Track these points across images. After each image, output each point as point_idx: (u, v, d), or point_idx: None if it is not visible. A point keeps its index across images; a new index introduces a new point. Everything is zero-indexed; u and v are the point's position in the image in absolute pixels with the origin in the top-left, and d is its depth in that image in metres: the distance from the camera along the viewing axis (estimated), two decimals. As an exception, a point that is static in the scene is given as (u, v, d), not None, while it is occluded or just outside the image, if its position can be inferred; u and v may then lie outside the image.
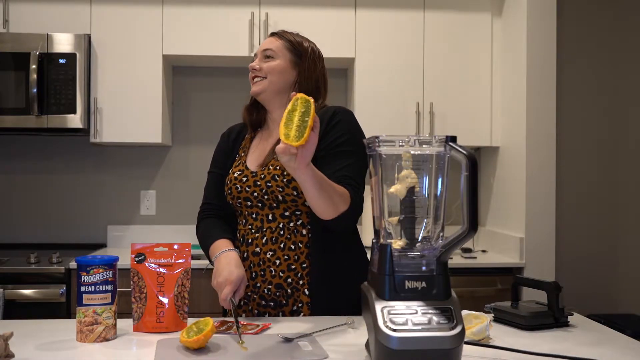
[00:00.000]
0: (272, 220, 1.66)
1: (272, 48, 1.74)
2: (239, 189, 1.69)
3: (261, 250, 1.66)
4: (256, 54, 1.78)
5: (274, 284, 1.64)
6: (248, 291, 1.67)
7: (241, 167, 1.72)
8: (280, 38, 1.77)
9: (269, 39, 1.79)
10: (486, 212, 3.69)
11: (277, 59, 1.73)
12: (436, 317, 1.11)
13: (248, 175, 1.69)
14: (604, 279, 3.73)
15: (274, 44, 1.75)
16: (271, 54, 1.74)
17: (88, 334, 1.34)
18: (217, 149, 1.87)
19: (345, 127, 1.67)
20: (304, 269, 1.64)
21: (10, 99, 3.13)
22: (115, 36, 3.29)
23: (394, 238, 1.18)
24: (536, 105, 3.19)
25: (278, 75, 1.73)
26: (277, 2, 3.34)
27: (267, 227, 1.66)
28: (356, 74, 3.41)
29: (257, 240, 1.67)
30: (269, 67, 1.73)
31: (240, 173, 1.71)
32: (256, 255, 1.66)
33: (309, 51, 1.77)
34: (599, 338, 1.42)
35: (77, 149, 3.63)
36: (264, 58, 1.74)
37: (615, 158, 3.77)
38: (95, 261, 1.36)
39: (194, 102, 3.71)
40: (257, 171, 1.68)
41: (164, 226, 3.67)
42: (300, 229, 1.65)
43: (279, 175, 1.63)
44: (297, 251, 1.64)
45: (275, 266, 1.64)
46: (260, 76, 1.73)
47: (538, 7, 3.20)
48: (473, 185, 1.12)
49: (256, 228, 1.67)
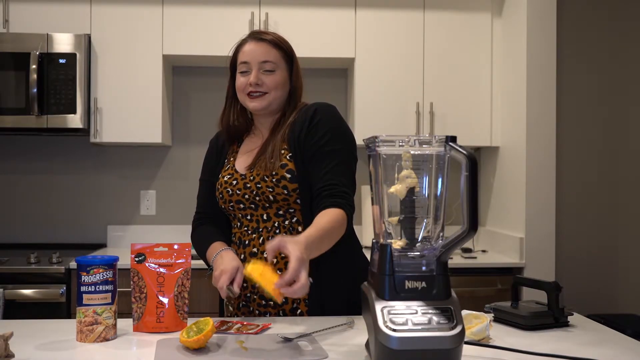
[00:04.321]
0: (267, 220, 1.66)
1: (273, 60, 1.67)
2: (229, 193, 1.68)
3: (258, 250, 1.65)
4: (246, 61, 1.68)
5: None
6: (247, 292, 1.67)
7: (230, 171, 1.71)
8: (274, 46, 1.68)
9: (262, 48, 1.67)
10: (486, 212, 3.69)
11: (277, 71, 1.68)
12: (436, 317, 1.11)
13: (237, 179, 1.68)
14: (604, 279, 3.73)
15: (272, 54, 1.67)
16: (272, 67, 1.67)
17: (88, 334, 1.34)
18: (206, 156, 1.84)
19: (327, 125, 1.65)
20: None
21: (10, 99, 3.13)
22: (115, 36, 3.29)
23: (394, 238, 1.18)
24: (536, 105, 3.19)
25: (281, 90, 1.70)
26: (277, 2, 3.34)
27: (263, 227, 1.66)
28: (356, 74, 3.41)
29: (254, 241, 1.66)
30: (274, 82, 1.67)
31: (230, 177, 1.69)
32: (253, 256, 1.65)
33: (293, 52, 1.74)
34: (599, 338, 1.42)
35: (77, 149, 3.63)
36: (263, 71, 1.66)
37: (615, 158, 3.77)
38: (95, 261, 1.36)
39: (194, 102, 3.71)
40: (246, 173, 1.67)
41: (164, 226, 3.67)
42: (295, 226, 1.65)
43: (268, 176, 1.62)
44: None
45: (273, 266, 1.63)
46: (261, 91, 1.67)
47: (538, 7, 3.20)
48: (473, 185, 1.12)
49: (252, 229, 1.67)
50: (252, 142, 1.76)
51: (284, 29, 3.26)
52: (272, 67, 1.67)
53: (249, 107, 1.71)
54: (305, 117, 1.67)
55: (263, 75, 1.66)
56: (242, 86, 1.69)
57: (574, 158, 3.73)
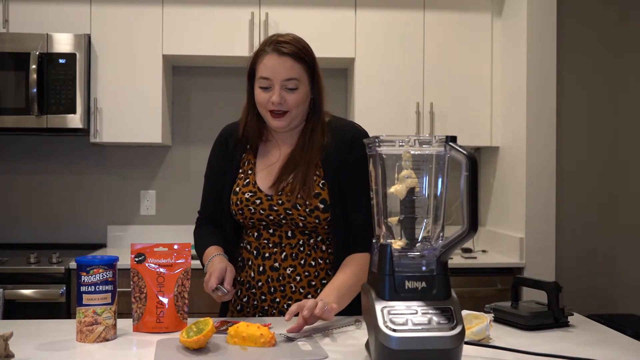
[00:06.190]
0: (291, 237, 1.63)
1: (296, 77, 1.57)
2: (252, 211, 1.62)
3: (280, 265, 1.63)
4: (267, 77, 1.57)
5: (294, 299, 1.62)
6: (265, 305, 1.65)
7: (252, 188, 1.63)
8: (297, 60, 1.57)
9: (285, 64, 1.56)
10: (486, 212, 3.69)
11: (300, 88, 1.58)
12: (436, 317, 1.11)
13: (262, 198, 1.62)
14: (604, 279, 3.73)
15: (295, 70, 1.57)
16: (295, 84, 1.57)
17: (88, 334, 1.34)
18: (213, 151, 1.76)
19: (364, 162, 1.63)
20: (323, 285, 1.62)
21: (10, 99, 3.12)
22: (115, 36, 3.29)
23: (394, 238, 1.18)
24: (536, 105, 3.19)
25: (303, 105, 1.61)
26: (277, 2, 3.34)
27: (286, 243, 1.63)
28: (356, 74, 3.41)
29: (276, 255, 1.63)
30: (296, 101, 1.58)
31: (253, 195, 1.63)
32: (275, 271, 1.63)
33: (315, 59, 1.63)
34: (599, 338, 1.42)
35: (77, 149, 3.63)
36: (285, 89, 1.57)
37: (616, 158, 3.77)
38: (95, 261, 1.36)
39: (194, 102, 3.71)
40: (273, 195, 1.61)
41: (164, 226, 3.66)
42: (320, 244, 1.64)
43: (301, 205, 1.58)
44: (317, 267, 1.64)
45: (296, 282, 1.62)
46: (283, 110, 1.58)
47: (538, 7, 3.20)
48: (473, 185, 1.12)
49: (273, 243, 1.64)
50: (271, 154, 1.68)
51: (283, 29, 3.26)
52: (295, 84, 1.57)
53: (272, 126, 1.63)
54: (342, 142, 1.63)
55: (285, 92, 1.57)
56: (263, 102, 1.59)
57: (574, 158, 3.73)
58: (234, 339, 1.30)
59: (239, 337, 1.30)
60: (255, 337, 1.28)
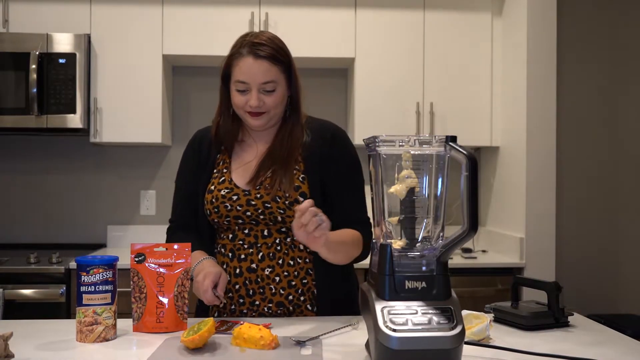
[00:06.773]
0: (267, 235, 1.60)
1: (274, 80, 1.56)
2: (228, 208, 1.59)
3: (257, 266, 1.59)
4: (244, 81, 1.56)
5: (275, 302, 1.59)
6: (244, 308, 1.61)
7: (228, 185, 1.61)
8: (273, 62, 1.56)
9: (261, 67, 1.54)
10: (486, 212, 3.69)
11: (277, 89, 1.58)
12: (436, 317, 1.11)
13: (239, 194, 1.59)
14: (604, 279, 3.73)
15: (272, 73, 1.56)
16: (273, 87, 1.57)
17: (88, 334, 1.34)
18: (184, 158, 1.75)
19: (349, 154, 1.66)
20: (304, 285, 1.61)
21: (10, 99, 3.13)
22: (115, 36, 3.29)
23: (394, 238, 1.18)
24: (536, 106, 3.19)
25: (281, 104, 1.62)
26: (277, 2, 3.34)
27: (262, 242, 1.60)
28: (356, 74, 3.41)
29: (252, 256, 1.60)
30: (274, 102, 1.58)
31: (229, 191, 1.60)
32: (252, 272, 1.60)
33: (291, 57, 1.62)
34: (599, 338, 1.42)
35: (77, 149, 3.63)
36: (263, 92, 1.56)
37: (616, 158, 3.77)
38: (95, 261, 1.36)
39: (194, 102, 3.71)
40: (250, 190, 1.59)
41: (164, 226, 3.62)
42: (297, 243, 1.61)
43: (281, 197, 1.56)
44: (297, 266, 1.61)
45: (275, 283, 1.59)
46: (262, 111, 1.58)
47: (538, 7, 3.20)
48: (473, 185, 1.12)
49: (249, 243, 1.61)
50: (247, 153, 1.67)
51: (284, 29, 3.27)
52: (272, 87, 1.57)
53: (251, 125, 1.63)
54: (322, 139, 1.64)
55: (263, 95, 1.57)
56: (240, 104, 1.59)
57: (574, 158, 3.73)
58: (237, 340, 1.30)
59: (240, 338, 1.30)
60: (255, 339, 1.28)
